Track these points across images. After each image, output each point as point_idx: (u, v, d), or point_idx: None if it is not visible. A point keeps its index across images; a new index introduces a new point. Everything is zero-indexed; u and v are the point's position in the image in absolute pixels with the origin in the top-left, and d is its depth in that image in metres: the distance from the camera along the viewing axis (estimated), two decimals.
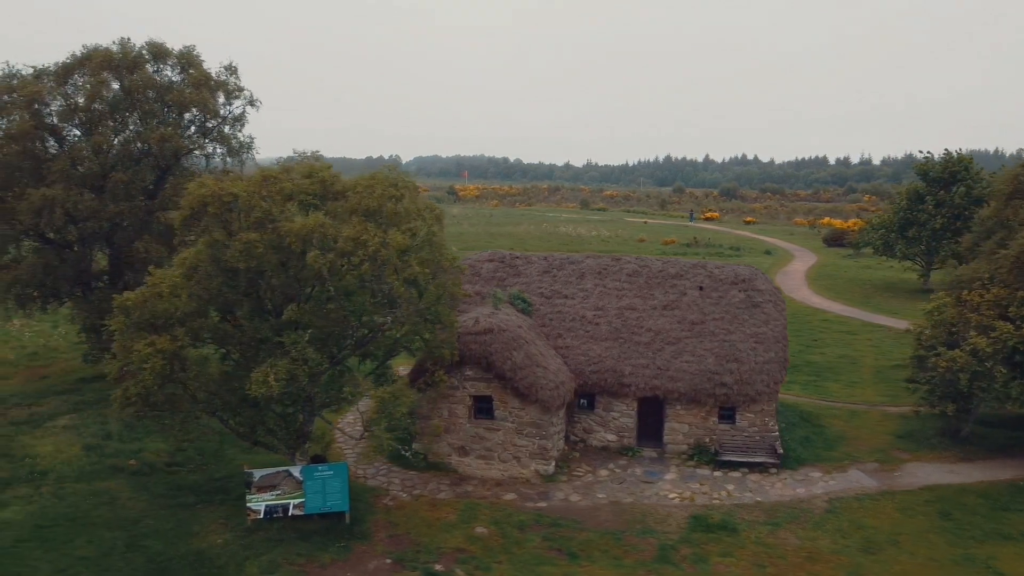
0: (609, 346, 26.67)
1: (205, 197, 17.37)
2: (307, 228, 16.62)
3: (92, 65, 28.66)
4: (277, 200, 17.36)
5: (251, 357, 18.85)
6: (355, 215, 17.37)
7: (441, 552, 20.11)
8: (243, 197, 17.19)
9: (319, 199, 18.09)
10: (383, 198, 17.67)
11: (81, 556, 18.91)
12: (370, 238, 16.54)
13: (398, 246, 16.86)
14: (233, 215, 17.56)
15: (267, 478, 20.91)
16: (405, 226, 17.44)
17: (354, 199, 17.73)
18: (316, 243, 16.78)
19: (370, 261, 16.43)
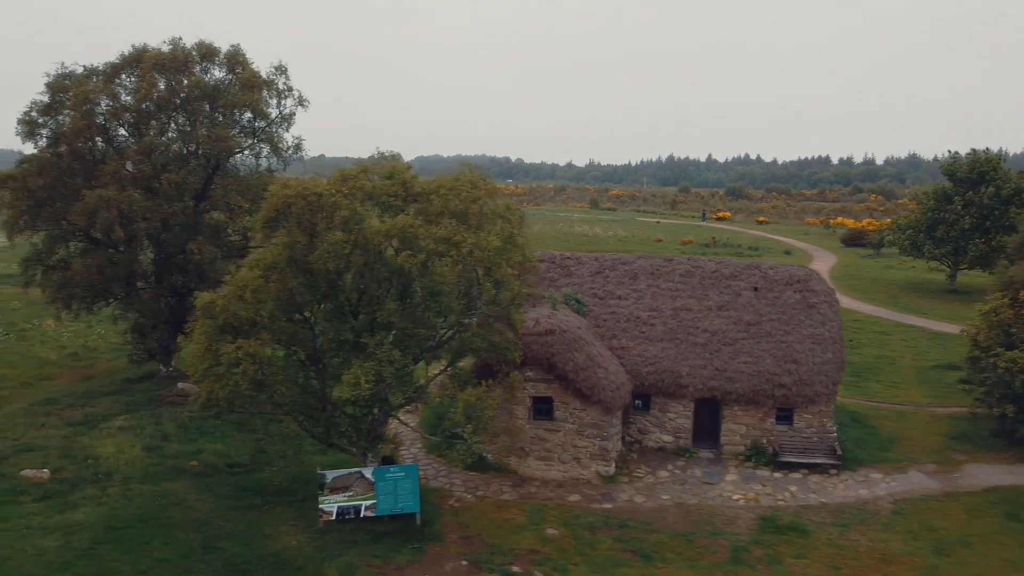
0: (665, 347, 26.64)
1: (290, 197, 17.31)
2: (395, 229, 16.58)
3: (144, 66, 28.61)
4: (360, 200, 17.30)
5: (330, 359, 18.79)
6: (442, 216, 17.33)
7: (515, 554, 20.08)
8: (327, 197, 17.13)
9: (402, 200, 18.04)
10: (468, 200, 17.63)
11: (160, 558, 18.86)
12: (462, 239, 16.50)
13: (491, 247, 16.83)
14: (316, 215, 17.49)
15: (339, 480, 20.88)
16: (491, 227, 17.40)
17: (438, 201, 17.68)
18: (404, 244, 16.72)
19: (464, 262, 16.39)
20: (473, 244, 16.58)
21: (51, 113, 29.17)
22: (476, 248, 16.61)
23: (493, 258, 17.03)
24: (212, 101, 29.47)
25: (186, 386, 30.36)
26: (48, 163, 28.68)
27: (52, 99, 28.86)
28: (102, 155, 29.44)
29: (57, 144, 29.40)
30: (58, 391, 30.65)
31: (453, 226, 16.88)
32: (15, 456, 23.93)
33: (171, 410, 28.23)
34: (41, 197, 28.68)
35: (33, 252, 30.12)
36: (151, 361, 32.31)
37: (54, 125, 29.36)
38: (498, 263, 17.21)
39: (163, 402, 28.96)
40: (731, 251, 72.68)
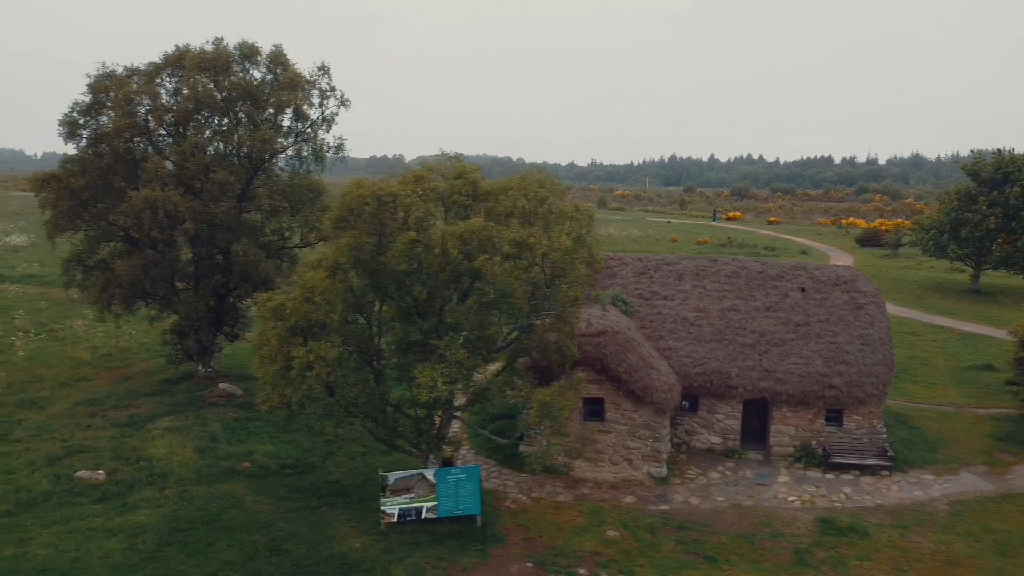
0: (713, 348, 26.59)
1: (365, 197, 17.22)
2: (471, 230, 16.51)
3: (188, 65, 28.52)
4: (433, 201, 17.23)
5: (388, 360, 18.72)
6: (511, 217, 17.27)
7: (579, 555, 20.02)
8: (403, 198, 17.05)
9: (471, 200, 17.97)
10: (537, 200, 17.56)
11: (227, 560, 18.78)
12: (536, 242, 16.44)
13: (564, 248, 16.77)
14: (389, 216, 17.41)
15: (401, 481, 20.81)
16: (562, 228, 17.34)
17: (507, 201, 17.62)
18: (477, 246, 16.65)
19: (541, 264, 16.31)
20: (547, 246, 16.51)
21: (92, 113, 29.08)
22: (551, 250, 16.53)
23: (566, 259, 16.95)
24: (254, 101, 29.35)
25: (227, 387, 30.34)
26: (90, 163, 28.57)
27: (94, 99, 28.75)
28: (143, 155, 29.34)
29: (97, 144, 29.32)
30: (98, 392, 30.55)
31: (526, 228, 16.77)
32: (67, 457, 23.85)
33: (215, 411, 28.15)
34: (83, 197, 28.58)
35: (74, 252, 29.99)
36: (189, 362, 32.19)
37: (95, 125, 29.27)
38: (572, 264, 17.14)
39: (206, 403, 28.87)
40: (748, 251, 72.64)
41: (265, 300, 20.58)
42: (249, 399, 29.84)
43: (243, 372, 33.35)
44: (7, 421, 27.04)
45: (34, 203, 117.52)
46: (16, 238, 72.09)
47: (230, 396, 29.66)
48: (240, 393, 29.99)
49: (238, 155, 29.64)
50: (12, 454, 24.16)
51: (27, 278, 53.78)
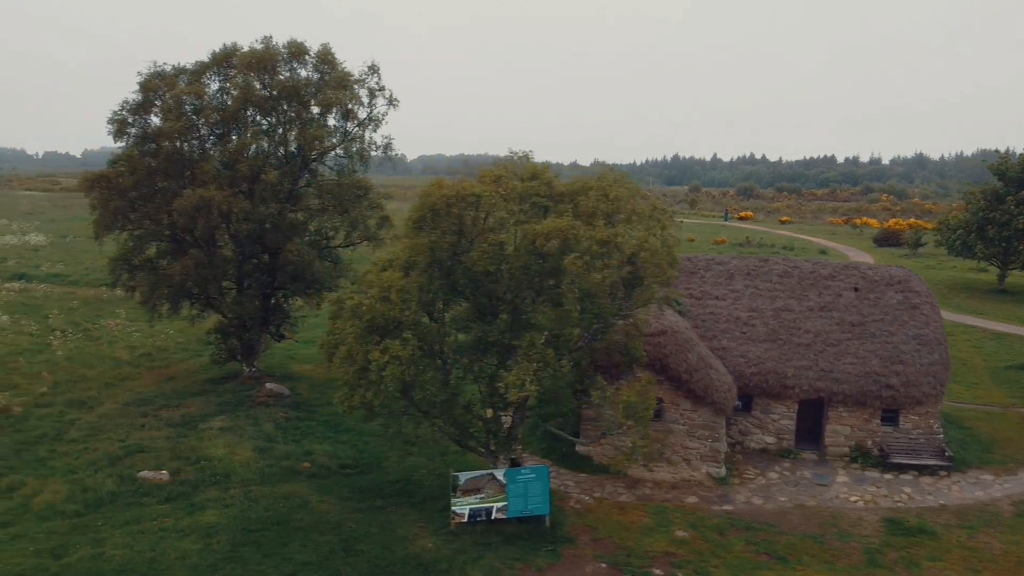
0: (768, 348, 26.55)
1: (449, 197, 17.17)
2: (559, 230, 16.45)
3: (239, 64, 28.47)
4: (515, 201, 17.19)
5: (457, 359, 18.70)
6: (594, 217, 17.22)
7: (651, 556, 19.97)
8: (487, 198, 17.00)
9: (550, 200, 17.93)
10: (618, 200, 17.52)
11: (303, 561, 18.73)
12: (625, 241, 16.40)
13: (654, 249, 16.73)
14: (469, 215, 17.36)
15: (472, 481, 20.77)
16: (649, 228, 17.29)
17: (588, 201, 17.57)
18: (563, 245, 16.61)
19: (630, 263, 16.27)
20: (637, 246, 16.47)
21: (140, 112, 29.02)
22: (640, 249, 16.49)
23: (655, 259, 16.91)
24: (302, 100, 29.26)
25: (274, 386, 30.28)
26: (138, 163, 28.50)
27: (144, 98, 28.69)
28: (192, 154, 29.28)
29: (143, 143, 29.27)
30: (145, 392, 30.47)
31: (613, 228, 16.74)
32: (127, 457, 23.79)
33: (265, 411, 28.08)
34: (132, 197, 28.53)
35: (121, 252, 29.92)
36: (232, 361, 32.13)
37: (143, 124, 29.21)
38: (660, 265, 17.10)
39: (255, 403, 28.80)
40: (767, 251, 72.60)
41: (336, 300, 20.59)
42: (296, 399, 29.82)
43: (285, 372, 33.34)
44: (59, 421, 26.98)
45: (46, 203, 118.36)
46: (35, 237, 71.98)
47: (278, 396, 29.59)
48: (288, 393, 29.94)
49: (286, 155, 29.55)
50: (71, 454, 24.10)
51: (52, 277, 53.70)
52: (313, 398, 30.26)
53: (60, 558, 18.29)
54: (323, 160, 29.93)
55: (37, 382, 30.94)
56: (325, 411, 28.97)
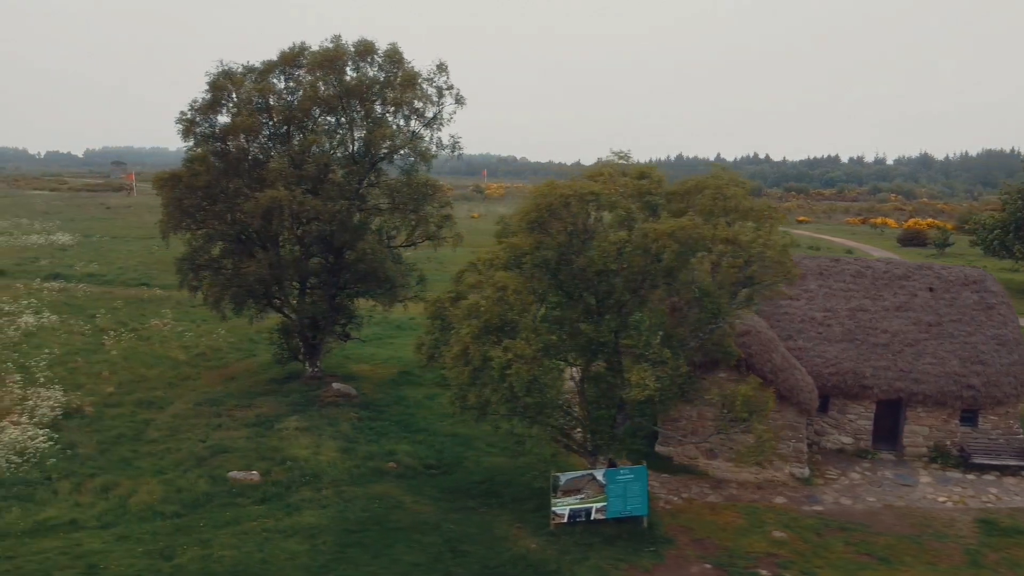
0: (845, 348, 26.53)
1: (568, 196, 17.12)
2: (683, 228, 16.42)
3: (310, 63, 28.42)
4: (631, 199, 17.15)
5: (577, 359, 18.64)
6: (712, 216, 17.19)
7: (754, 556, 19.93)
8: (606, 197, 16.96)
9: (661, 198, 17.91)
10: (734, 199, 17.49)
11: (413, 562, 18.66)
12: (751, 240, 16.37)
13: (778, 247, 16.71)
14: (584, 215, 17.31)
15: (572, 482, 20.72)
16: (762, 226, 17.26)
17: (705, 201, 17.55)
18: (684, 244, 16.57)
19: (757, 262, 16.25)
20: (763, 244, 16.45)
21: (208, 112, 28.95)
22: (766, 248, 16.47)
23: (780, 258, 16.90)
24: (369, 99, 29.19)
25: (341, 386, 30.22)
26: (209, 163, 28.44)
27: (213, 97, 28.62)
28: (256, 154, 29.22)
29: (208, 142, 29.22)
30: (211, 391, 30.38)
31: (735, 226, 16.72)
32: (212, 457, 23.71)
33: (336, 410, 28.03)
34: (205, 196, 28.47)
35: (188, 252, 29.84)
36: (294, 361, 32.07)
37: (211, 124, 29.16)
38: (785, 263, 17.09)
39: (323, 403, 28.73)
40: (797, 250, 72.54)
41: (435, 300, 20.54)
42: (363, 399, 29.75)
43: (345, 372, 33.25)
44: (134, 421, 26.89)
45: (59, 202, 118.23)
46: (60, 237, 71.86)
47: (346, 396, 29.52)
48: (355, 393, 29.86)
49: (352, 154, 29.48)
50: (155, 454, 24.03)
51: (87, 277, 53.52)
52: (379, 398, 30.20)
53: (170, 559, 18.22)
54: (392, 159, 29.82)
55: (100, 382, 30.85)
56: (393, 411, 28.94)
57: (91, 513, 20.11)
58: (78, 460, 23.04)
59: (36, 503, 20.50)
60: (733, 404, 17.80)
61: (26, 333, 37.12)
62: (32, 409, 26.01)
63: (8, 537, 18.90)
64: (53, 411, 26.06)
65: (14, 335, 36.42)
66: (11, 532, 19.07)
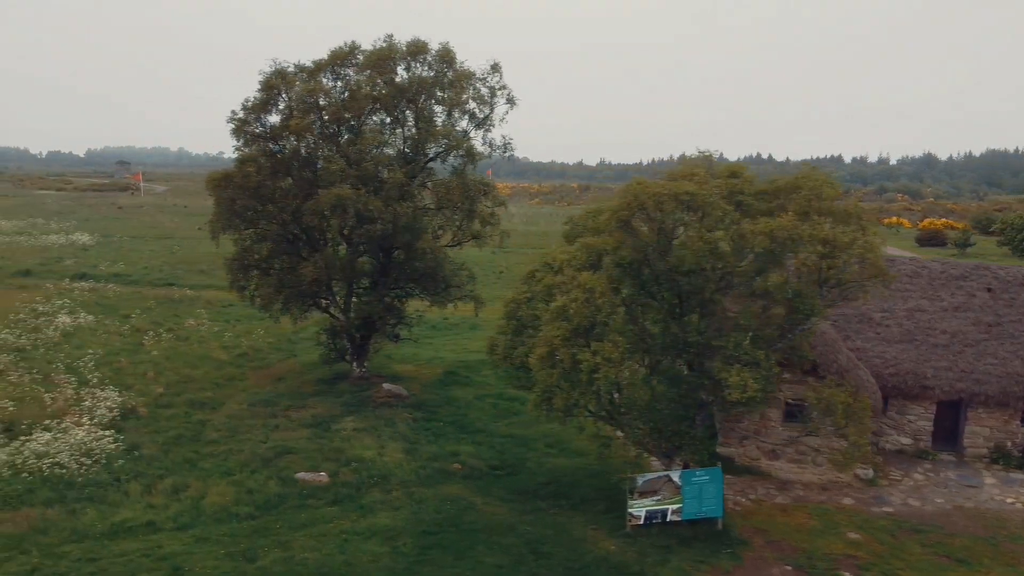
0: (904, 348, 26.43)
1: (662, 196, 17.01)
2: (783, 228, 16.32)
3: (364, 63, 28.32)
4: (725, 199, 17.06)
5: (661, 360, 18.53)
6: (807, 216, 17.10)
7: (832, 558, 19.83)
8: (702, 197, 16.86)
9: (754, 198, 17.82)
10: (829, 199, 17.41)
11: (496, 564, 18.55)
12: (852, 240, 16.29)
13: (876, 249, 16.64)
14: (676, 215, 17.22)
15: (649, 483, 20.63)
16: (856, 228, 17.18)
17: (798, 201, 17.45)
18: (780, 244, 16.48)
19: (859, 263, 16.18)
20: (864, 245, 16.37)
21: (259, 111, 28.84)
22: (867, 250, 16.40)
23: (879, 260, 16.83)
24: (421, 98, 29.08)
25: (391, 387, 30.14)
26: (261, 163, 28.32)
27: (266, 97, 28.50)
28: (310, 154, 29.11)
29: (257, 142, 29.12)
30: (261, 392, 30.24)
31: (835, 227, 16.65)
32: (277, 458, 23.58)
33: (390, 411, 27.93)
34: (255, 196, 28.35)
35: (238, 252, 29.71)
36: (341, 362, 31.97)
37: (262, 123, 29.05)
38: (880, 265, 17.01)
39: (376, 403, 28.63)
40: None
41: (510, 301, 20.43)
42: (414, 399, 29.65)
43: (391, 372, 33.14)
44: (189, 422, 26.76)
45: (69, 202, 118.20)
46: (81, 236, 71.71)
47: (397, 396, 29.43)
48: (406, 394, 29.78)
49: (408, 153, 29.37)
50: (218, 455, 23.90)
51: (114, 277, 53.39)
52: (429, 398, 30.09)
53: (253, 561, 18.11)
54: (445, 159, 29.71)
55: (148, 382, 30.71)
56: (445, 411, 28.83)
57: (166, 515, 19.98)
58: (144, 461, 22.92)
59: (109, 504, 20.38)
60: (833, 409, 17.66)
61: (64, 333, 37.02)
62: (90, 410, 25.88)
63: (87, 539, 18.79)
64: (111, 412, 25.92)
65: (54, 335, 36.31)
66: (90, 534, 18.96)
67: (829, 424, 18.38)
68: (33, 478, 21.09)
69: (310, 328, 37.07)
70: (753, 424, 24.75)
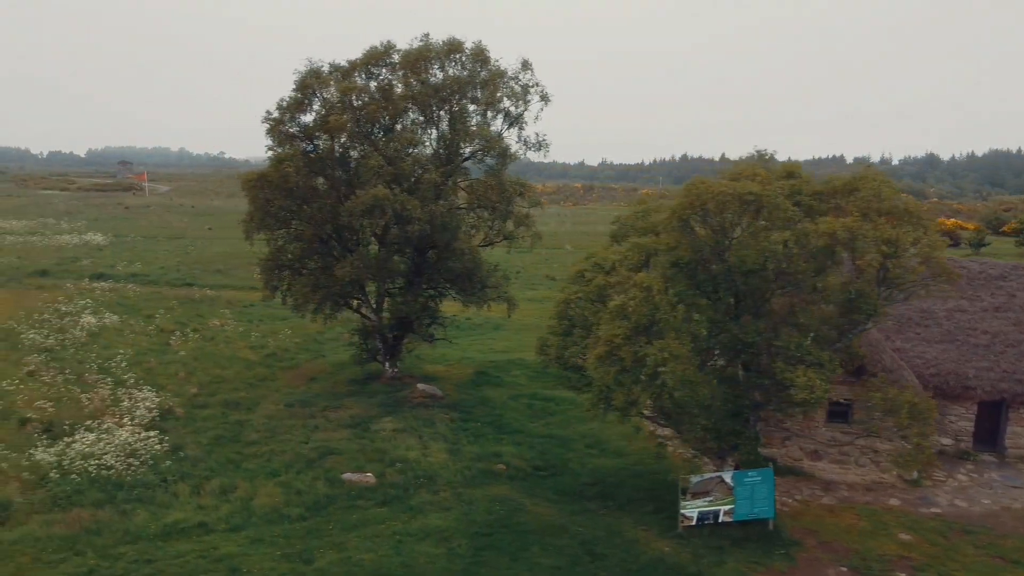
0: (944, 348, 26.36)
1: (726, 196, 16.93)
2: (847, 229, 16.25)
3: (401, 62, 28.25)
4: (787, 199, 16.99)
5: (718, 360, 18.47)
6: (868, 217, 17.03)
7: (887, 559, 19.76)
8: (769, 197, 16.78)
9: (813, 198, 17.75)
10: (889, 200, 17.34)
11: (552, 565, 18.46)
12: (915, 241, 16.22)
13: (942, 249, 16.57)
14: (737, 216, 17.14)
15: (702, 484, 20.54)
16: (915, 229, 17.11)
17: (859, 201, 17.38)
18: (847, 245, 16.42)
19: (924, 262, 16.11)
20: (930, 246, 16.30)
21: (295, 111, 28.74)
22: (932, 251, 16.33)
23: (943, 259, 16.76)
24: (455, 97, 28.99)
25: (426, 387, 30.05)
26: (298, 163, 28.21)
27: (302, 96, 28.40)
28: (341, 152, 29.02)
29: (292, 142, 29.02)
30: (295, 392, 30.15)
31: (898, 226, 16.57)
32: (321, 459, 23.49)
33: (427, 411, 27.83)
34: (289, 196, 28.26)
35: (272, 252, 29.60)
36: (372, 362, 31.87)
37: (296, 123, 28.96)
38: (947, 265, 16.95)
39: (412, 404, 28.54)
40: None
41: (563, 301, 20.34)
42: (448, 399, 29.55)
43: (422, 372, 33.05)
44: (227, 422, 26.65)
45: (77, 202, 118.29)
46: (94, 236, 71.61)
47: (432, 396, 29.34)
48: (440, 394, 29.69)
49: (444, 153, 29.27)
50: (261, 456, 23.79)
51: (131, 277, 53.27)
52: (463, 399, 29.99)
53: (310, 563, 18.01)
54: (483, 159, 29.62)
55: (180, 382, 30.60)
56: (480, 412, 28.73)
57: (217, 516, 19.87)
58: (188, 461, 22.82)
59: (159, 505, 20.28)
60: (898, 410, 17.58)
61: (91, 333, 36.90)
62: (130, 410, 25.78)
63: (141, 540, 18.69)
64: (150, 412, 25.81)
65: (80, 335, 36.20)
66: (143, 535, 18.85)
67: (891, 425, 18.25)
68: (81, 479, 20.99)
69: (335, 328, 37.02)
70: (796, 424, 24.66)
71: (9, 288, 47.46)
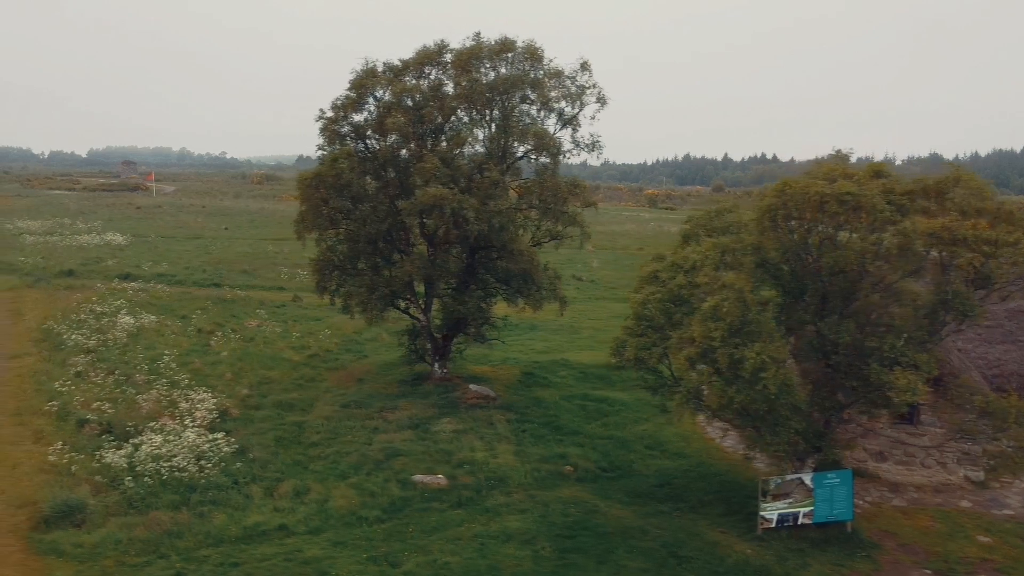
0: (1007, 349, 26.30)
1: (824, 195, 16.80)
2: (948, 229, 16.14)
3: (455, 62, 28.13)
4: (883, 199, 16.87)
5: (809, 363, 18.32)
6: (966, 217, 16.92)
7: (970, 562, 19.67)
8: (867, 198, 16.66)
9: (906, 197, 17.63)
10: (984, 200, 17.24)
11: (640, 568, 18.33)
12: (1015, 240, 16.10)
13: None
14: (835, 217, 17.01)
15: (782, 486, 20.41)
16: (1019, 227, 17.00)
17: (957, 200, 17.28)
18: (942, 244, 16.30)
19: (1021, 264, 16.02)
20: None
21: (349, 111, 28.61)
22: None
23: None
24: (509, 96, 28.84)
25: (478, 388, 29.90)
26: (353, 162, 28.07)
27: (357, 96, 28.26)
28: (397, 153, 28.89)
29: (344, 141, 28.90)
30: (347, 393, 29.95)
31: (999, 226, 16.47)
32: (388, 461, 23.30)
33: (483, 412, 27.67)
34: (343, 195, 28.12)
35: (323, 253, 29.44)
36: (420, 363, 31.73)
37: (351, 123, 28.84)
38: None
39: (467, 404, 28.39)
40: None
41: (640, 302, 20.20)
42: (502, 400, 29.41)
43: (469, 373, 32.85)
44: (282, 423, 26.47)
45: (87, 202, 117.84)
46: (112, 236, 71.29)
47: (485, 397, 29.20)
48: (494, 395, 29.54)
49: (493, 152, 29.12)
50: (326, 457, 23.63)
51: (158, 277, 53.00)
52: (515, 400, 29.83)
53: (397, 566, 17.87)
54: (538, 159, 29.48)
55: (228, 383, 30.40)
56: (535, 413, 28.55)
57: (295, 518, 19.71)
58: (257, 464, 22.65)
59: (234, 507, 20.10)
60: (1005, 415, 17.48)
61: (130, 334, 36.70)
62: (189, 412, 25.61)
63: (224, 543, 18.53)
64: (210, 413, 25.65)
65: (121, 336, 36.01)
66: (225, 538, 18.70)
67: (988, 427, 18.13)
68: (153, 481, 20.81)
69: (372, 329, 36.86)
70: (862, 426, 24.52)
71: (39, 288, 47.26)
